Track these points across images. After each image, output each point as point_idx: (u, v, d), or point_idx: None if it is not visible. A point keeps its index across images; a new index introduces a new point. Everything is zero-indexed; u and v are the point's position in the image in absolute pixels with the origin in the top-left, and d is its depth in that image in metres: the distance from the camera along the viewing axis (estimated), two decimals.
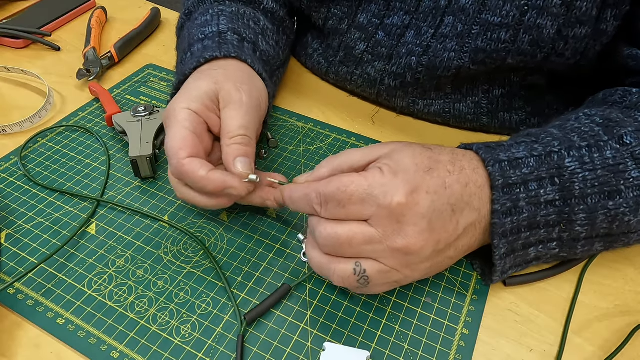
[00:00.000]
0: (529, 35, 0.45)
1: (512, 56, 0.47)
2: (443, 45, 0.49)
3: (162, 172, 0.50)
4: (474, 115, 0.55)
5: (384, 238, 0.33)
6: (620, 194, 0.36)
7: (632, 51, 0.45)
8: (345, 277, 0.34)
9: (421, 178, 0.34)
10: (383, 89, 0.56)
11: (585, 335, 0.38)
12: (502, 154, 0.36)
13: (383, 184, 0.33)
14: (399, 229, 0.33)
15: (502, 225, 0.36)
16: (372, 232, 0.33)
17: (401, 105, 0.57)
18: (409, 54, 0.52)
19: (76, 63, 0.64)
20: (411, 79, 0.53)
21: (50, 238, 0.43)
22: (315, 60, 0.63)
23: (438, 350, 0.37)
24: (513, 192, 0.35)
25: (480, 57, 0.48)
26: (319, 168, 0.37)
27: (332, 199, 0.33)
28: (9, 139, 0.53)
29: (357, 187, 0.33)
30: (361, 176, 0.34)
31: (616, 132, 0.37)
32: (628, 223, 0.37)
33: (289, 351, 0.36)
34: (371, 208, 0.33)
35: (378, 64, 0.55)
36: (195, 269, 0.41)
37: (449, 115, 0.55)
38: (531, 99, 0.54)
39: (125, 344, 0.36)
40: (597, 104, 0.44)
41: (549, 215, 0.36)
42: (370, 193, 0.33)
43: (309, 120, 0.57)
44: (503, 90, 0.53)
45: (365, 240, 0.33)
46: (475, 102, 0.54)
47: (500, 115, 0.55)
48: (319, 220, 0.35)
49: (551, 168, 0.36)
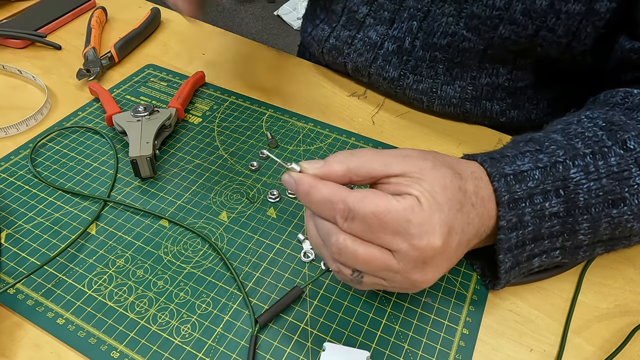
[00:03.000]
0: (522, 3, 0.46)
1: (504, 25, 0.48)
2: (442, 9, 0.51)
3: (162, 172, 0.50)
4: (458, 100, 0.56)
5: (402, 271, 0.31)
6: (624, 201, 0.35)
7: (634, 44, 0.45)
8: (342, 272, 0.33)
9: (454, 218, 0.32)
10: (380, 53, 0.57)
11: (585, 335, 0.38)
12: (507, 167, 0.36)
13: (421, 224, 0.30)
14: (422, 268, 0.31)
15: (508, 241, 0.35)
16: (392, 263, 0.31)
17: (392, 76, 0.57)
18: (410, 18, 0.53)
19: (76, 63, 0.64)
20: (409, 44, 0.54)
21: (51, 238, 0.43)
22: (319, 28, 0.64)
23: (438, 350, 0.37)
24: (519, 207, 0.35)
25: (474, 23, 0.49)
26: (332, 162, 0.33)
27: (362, 220, 0.30)
28: (9, 139, 0.53)
29: (395, 219, 0.30)
30: (400, 204, 0.30)
31: (619, 136, 0.37)
32: (630, 228, 0.37)
33: (289, 351, 0.36)
34: (402, 244, 0.30)
35: (380, 28, 0.56)
36: (195, 269, 0.41)
37: (435, 96, 0.56)
38: (513, 91, 0.56)
39: (125, 344, 0.36)
40: (598, 106, 0.44)
41: (552, 227, 0.36)
42: (407, 230, 0.30)
43: (309, 120, 0.57)
44: (489, 79, 0.54)
45: (382, 268, 0.31)
46: (462, 86, 0.55)
47: (482, 103, 0.56)
48: (337, 229, 0.32)
49: (556, 180, 0.35)
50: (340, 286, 0.40)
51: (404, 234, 0.30)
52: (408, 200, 0.31)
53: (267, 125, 0.56)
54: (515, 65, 0.53)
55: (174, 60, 0.66)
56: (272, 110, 0.58)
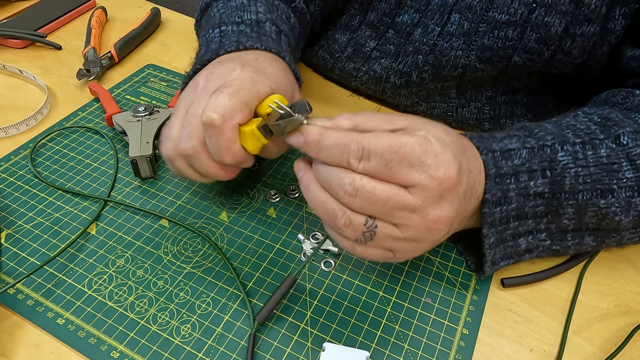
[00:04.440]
0: (536, 33, 0.45)
1: (519, 54, 0.47)
2: (449, 43, 0.49)
3: (162, 172, 0.50)
4: (476, 121, 0.55)
5: (419, 208, 0.31)
6: (612, 193, 0.36)
7: (634, 52, 0.45)
8: (354, 224, 0.32)
9: (460, 157, 0.32)
10: (388, 86, 0.56)
11: (585, 335, 0.38)
12: (495, 144, 0.36)
13: (437, 154, 0.31)
14: (438, 202, 0.31)
15: (492, 215, 0.36)
16: (409, 199, 0.31)
17: (405, 104, 0.57)
18: (415, 52, 0.52)
19: (76, 63, 0.64)
20: (416, 77, 0.53)
21: (51, 238, 0.43)
22: (320, 56, 0.62)
23: (438, 350, 0.37)
24: (504, 182, 0.35)
25: (486, 55, 0.48)
26: (338, 118, 0.33)
27: (379, 156, 0.30)
28: (9, 139, 0.53)
29: (412, 151, 0.30)
30: (413, 138, 0.31)
31: (613, 131, 0.37)
32: (618, 222, 0.37)
33: (289, 351, 0.36)
34: (420, 176, 0.30)
35: (385, 61, 0.55)
36: (195, 269, 0.41)
37: (451, 119, 0.56)
38: (533, 106, 0.55)
39: (125, 344, 0.36)
40: (599, 104, 0.44)
41: (536, 207, 0.36)
42: (423, 161, 0.30)
43: None
44: (506, 97, 0.53)
45: (400, 206, 0.31)
46: (478, 107, 0.54)
47: (502, 122, 0.55)
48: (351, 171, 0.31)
49: (543, 161, 0.36)
50: (340, 286, 0.40)
51: (421, 165, 0.30)
52: (419, 136, 0.31)
53: None
54: (530, 80, 0.52)
55: (174, 60, 0.66)
56: None
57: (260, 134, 0.36)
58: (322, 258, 0.42)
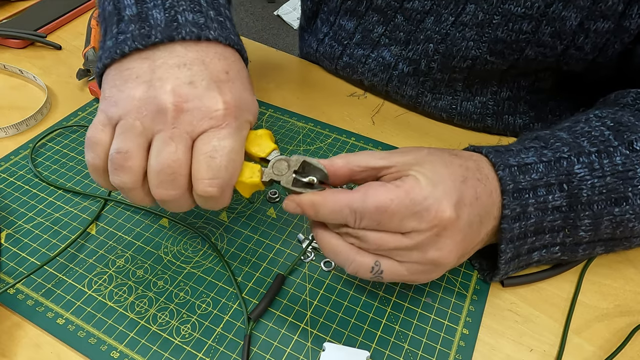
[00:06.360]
0: (551, 26, 0.45)
1: (531, 47, 0.47)
2: (462, 33, 0.49)
3: None
4: (479, 115, 0.55)
5: (417, 247, 0.32)
6: (627, 200, 0.35)
7: None
8: (361, 270, 0.34)
9: (459, 189, 0.33)
10: (395, 74, 0.56)
11: (585, 335, 0.38)
12: (512, 158, 0.36)
13: (425, 197, 0.31)
14: (435, 241, 0.32)
15: (511, 231, 0.35)
16: (406, 242, 0.32)
17: (409, 94, 0.57)
18: (426, 40, 0.52)
19: (76, 63, 0.64)
20: (425, 66, 0.53)
21: (51, 238, 0.43)
22: (327, 44, 0.62)
23: (438, 350, 0.37)
24: (522, 197, 0.35)
25: (499, 48, 0.48)
26: (334, 158, 0.35)
27: (369, 217, 0.32)
28: (9, 139, 0.53)
29: (399, 206, 0.31)
30: (399, 189, 0.32)
31: (626, 137, 0.37)
32: (632, 229, 0.37)
33: (289, 351, 0.36)
34: (411, 224, 0.31)
35: (394, 48, 0.55)
36: (195, 269, 0.41)
37: (454, 112, 0.55)
38: (535, 104, 0.54)
39: (125, 344, 0.36)
40: (609, 105, 0.44)
41: (554, 221, 0.36)
42: (413, 211, 0.31)
43: (309, 120, 0.57)
44: (510, 93, 0.53)
45: (396, 247, 0.32)
46: (483, 102, 0.54)
47: (505, 117, 0.55)
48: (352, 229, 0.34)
49: (560, 174, 0.35)
50: (340, 286, 0.40)
51: (411, 214, 0.31)
52: (407, 182, 0.32)
53: (267, 125, 0.55)
54: (537, 77, 0.52)
55: None
56: (272, 110, 0.58)
57: (262, 185, 0.35)
58: (322, 258, 0.42)
